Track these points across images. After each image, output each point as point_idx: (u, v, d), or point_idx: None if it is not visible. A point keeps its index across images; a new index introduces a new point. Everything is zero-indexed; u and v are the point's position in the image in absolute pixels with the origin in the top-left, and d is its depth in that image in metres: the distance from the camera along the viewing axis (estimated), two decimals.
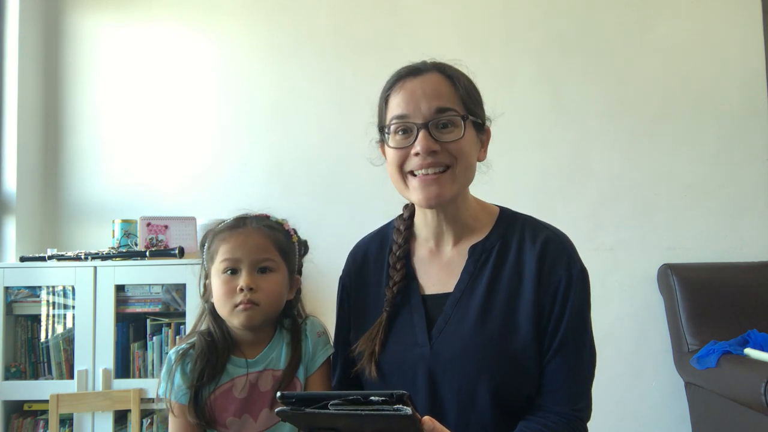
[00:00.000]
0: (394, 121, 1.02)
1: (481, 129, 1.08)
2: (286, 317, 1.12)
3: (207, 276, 1.10)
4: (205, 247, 1.10)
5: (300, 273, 1.16)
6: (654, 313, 2.58)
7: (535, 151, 2.65)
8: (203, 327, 1.09)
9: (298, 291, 1.15)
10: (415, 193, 1.02)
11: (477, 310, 1.02)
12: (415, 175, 1.01)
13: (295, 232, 1.14)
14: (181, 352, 1.05)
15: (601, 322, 1.09)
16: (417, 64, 1.06)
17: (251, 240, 1.05)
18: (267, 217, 1.12)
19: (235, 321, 1.04)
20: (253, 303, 1.02)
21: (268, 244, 1.06)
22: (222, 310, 1.05)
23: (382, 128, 1.06)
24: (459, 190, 1.04)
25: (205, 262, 1.10)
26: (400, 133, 1.02)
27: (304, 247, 1.16)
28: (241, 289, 1.02)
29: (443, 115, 0.99)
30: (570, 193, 2.64)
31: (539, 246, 1.04)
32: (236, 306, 1.02)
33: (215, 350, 1.04)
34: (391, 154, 1.04)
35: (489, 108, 1.11)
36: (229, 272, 1.04)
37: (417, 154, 0.99)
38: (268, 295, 1.04)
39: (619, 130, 2.66)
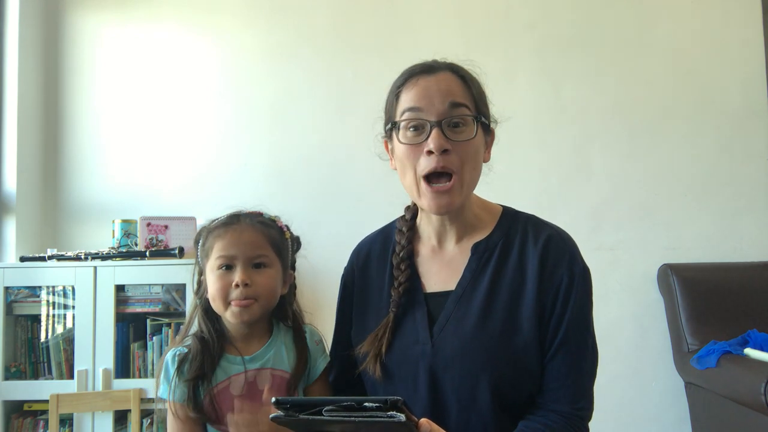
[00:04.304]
0: (405, 116, 1.01)
1: (488, 131, 1.08)
2: (282, 313, 1.13)
3: (202, 272, 1.11)
4: (200, 244, 1.11)
5: (293, 269, 1.17)
6: (654, 313, 2.58)
7: (536, 151, 2.65)
8: (195, 327, 1.10)
9: (293, 286, 1.16)
10: (425, 200, 1.02)
11: (479, 308, 1.02)
12: (429, 184, 1.00)
13: (288, 228, 1.15)
14: (178, 354, 1.05)
15: (601, 322, 1.09)
16: (429, 62, 1.07)
17: (245, 236, 1.06)
18: (260, 214, 1.13)
19: (231, 317, 1.05)
20: (249, 298, 1.03)
21: (262, 240, 1.07)
22: (218, 306, 1.06)
23: (392, 124, 1.04)
24: (467, 196, 1.05)
25: (200, 259, 1.12)
26: (411, 129, 1.01)
27: (296, 243, 1.17)
28: (237, 285, 1.03)
29: (457, 110, 0.99)
30: (570, 193, 2.64)
31: (541, 244, 1.04)
32: (232, 302, 1.03)
33: (209, 349, 1.05)
34: (401, 150, 1.03)
35: (491, 108, 1.11)
36: (224, 268, 1.05)
37: (430, 152, 0.98)
38: (264, 289, 1.05)
39: (620, 130, 2.66)
